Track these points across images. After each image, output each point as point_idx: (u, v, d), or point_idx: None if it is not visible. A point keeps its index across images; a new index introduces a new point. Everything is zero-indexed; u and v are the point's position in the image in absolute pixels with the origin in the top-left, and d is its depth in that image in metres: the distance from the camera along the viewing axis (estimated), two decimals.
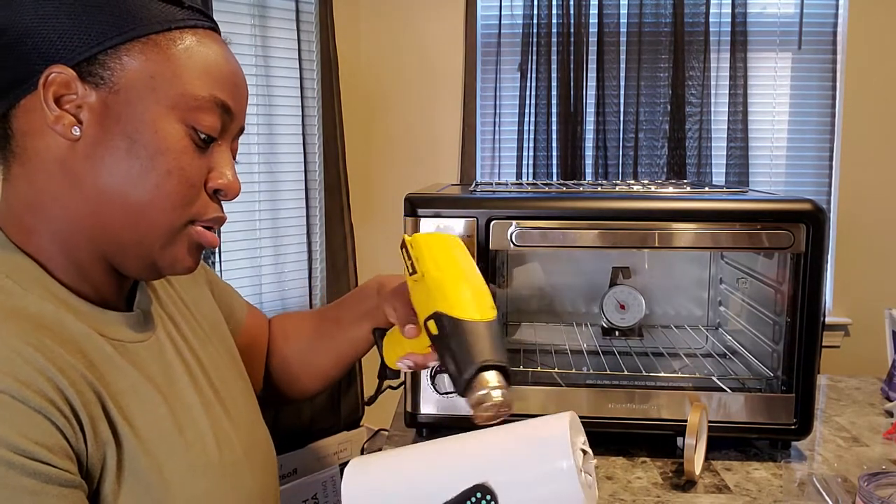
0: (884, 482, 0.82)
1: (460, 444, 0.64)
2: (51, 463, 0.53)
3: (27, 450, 0.52)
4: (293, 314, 1.02)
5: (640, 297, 1.29)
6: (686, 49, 2.44)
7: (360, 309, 0.90)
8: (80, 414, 0.56)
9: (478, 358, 0.63)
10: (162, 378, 0.67)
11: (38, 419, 0.53)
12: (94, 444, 0.57)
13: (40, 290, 0.61)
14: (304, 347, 0.95)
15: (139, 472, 0.60)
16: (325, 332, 0.94)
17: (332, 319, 0.94)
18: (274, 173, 2.30)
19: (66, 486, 0.54)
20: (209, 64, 0.64)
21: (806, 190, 2.55)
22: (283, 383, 0.97)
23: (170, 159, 0.62)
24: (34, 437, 0.52)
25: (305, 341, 0.95)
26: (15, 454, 0.51)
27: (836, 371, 1.53)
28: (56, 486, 0.53)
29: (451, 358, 0.65)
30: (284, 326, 0.98)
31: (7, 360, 0.53)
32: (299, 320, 0.98)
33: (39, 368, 0.55)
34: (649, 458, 1.04)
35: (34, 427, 0.53)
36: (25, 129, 0.62)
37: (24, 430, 0.52)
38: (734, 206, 1.01)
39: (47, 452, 0.53)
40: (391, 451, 0.67)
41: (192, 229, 0.65)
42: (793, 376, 1.01)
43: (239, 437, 0.74)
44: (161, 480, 0.62)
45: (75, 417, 0.56)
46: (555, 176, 2.51)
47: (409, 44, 2.58)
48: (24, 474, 0.51)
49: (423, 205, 1.02)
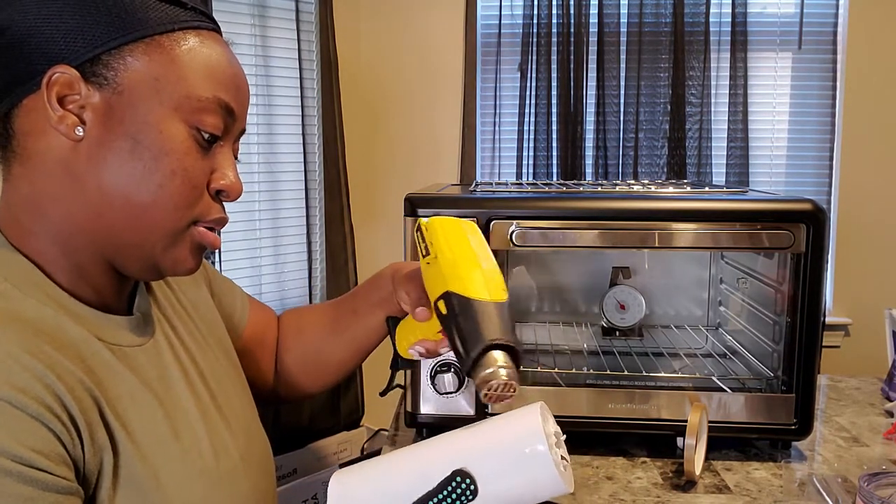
0: (884, 482, 0.82)
1: (437, 442, 0.65)
2: (48, 470, 0.53)
3: (24, 457, 0.51)
4: (307, 308, 1.01)
5: (640, 297, 1.29)
6: (686, 49, 2.44)
7: (375, 296, 0.89)
8: (78, 420, 0.56)
9: (486, 336, 0.63)
10: (159, 383, 0.67)
11: (36, 426, 0.53)
12: (91, 451, 0.57)
13: (39, 294, 0.61)
14: (320, 340, 0.94)
15: (135, 478, 0.60)
16: (342, 323, 0.92)
17: (349, 310, 0.92)
18: (274, 173, 2.30)
19: (62, 493, 0.54)
20: (212, 65, 0.64)
21: (806, 190, 2.55)
22: (298, 378, 0.95)
23: (173, 160, 0.62)
24: (31, 444, 0.52)
25: (322, 334, 0.94)
26: (12, 462, 0.51)
27: (836, 371, 1.53)
28: (53, 493, 0.53)
29: (459, 336, 0.64)
30: (299, 321, 0.97)
31: (5, 367, 0.53)
32: (315, 313, 0.97)
33: (37, 375, 0.54)
34: (649, 458, 1.04)
35: (32, 434, 0.53)
36: (27, 129, 0.61)
37: (21, 438, 0.52)
38: (734, 206, 1.01)
39: (44, 460, 0.53)
40: (372, 459, 0.69)
41: (194, 230, 0.65)
42: (793, 376, 1.01)
43: (236, 443, 0.73)
44: (157, 486, 0.62)
45: (73, 424, 0.56)
46: (555, 176, 2.51)
47: (409, 44, 2.57)
48: (21, 482, 0.51)
49: (423, 205, 1.02)
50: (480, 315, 0.64)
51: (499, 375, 0.61)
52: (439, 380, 1.02)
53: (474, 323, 0.64)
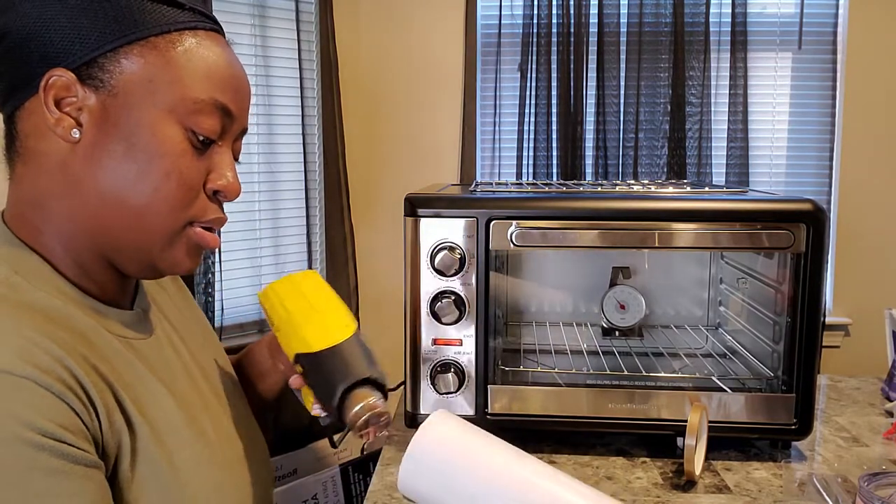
0: (884, 482, 0.82)
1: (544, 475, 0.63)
2: (74, 444, 0.54)
3: (54, 432, 0.53)
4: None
5: (640, 297, 1.29)
6: (686, 49, 2.44)
7: (259, 368, 0.90)
8: (96, 401, 0.58)
9: (340, 382, 0.65)
10: (165, 374, 0.68)
11: (60, 404, 0.54)
12: (109, 431, 0.58)
13: (48, 287, 0.62)
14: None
15: (152, 459, 0.61)
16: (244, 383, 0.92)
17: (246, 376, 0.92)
18: (274, 173, 2.31)
19: (90, 466, 0.55)
20: (209, 66, 0.64)
21: (806, 190, 2.55)
22: None
23: (168, 162, 0.62)
24: (58, 420, 0.54)
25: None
26: (43, 437, 0.52)
27: (836, 371, 1.53)
28: (82, 465, 0.54)
29: (322, 392, 0.67)
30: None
31: (25, 349, 0.54)
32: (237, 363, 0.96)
33: (56, 357, 0.55)
34: (649, 458, 1.04)
35: (58, 411, 0.54)
36: (28, 130, 0.62)
37: (48, 414, 0.53)
38: (734, 206, 1.01)
39: (71, 435, 0.54)
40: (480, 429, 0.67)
41: (191, 231, 0.66)
42: (793, 376, 1.01)
43: (236, 437, 0.75)
44: (172, 469, 0.63)
45: (91, 404, 0.57)
46: (555, 176, 2.51)
47: (409, 44, 2.57)
48: (53, 455, 0.53)
49: (423, 205, 1.02)
50: (329, 364, 0.67)
51: (369, 408, 0.64)
52: (439, 380, 1.02)
53: (325, 374, 0.67)
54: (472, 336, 1.01)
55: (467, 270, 1.00)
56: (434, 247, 1.00)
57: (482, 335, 1.02)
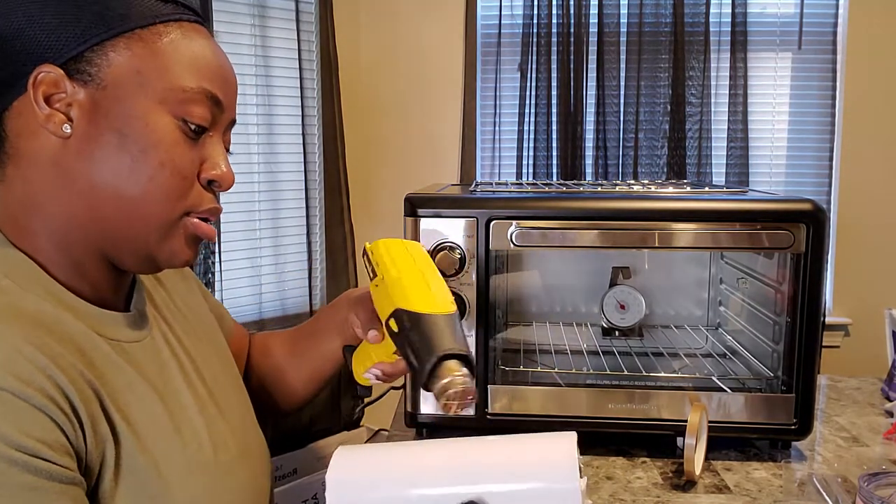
0: (884, 482, 0.82)
1: (459, 448, 0.63)
2: (51, 460, 0.53)
3: (28, 447, 0.52)
4: (275, 332, 1.01)
5: (640, 297, 1.29)
6: (686, 49, 2.44)
7: (330, 321, 0.90)
8: (80, 412, 0.57)
9: (438, 348, 0.64)
10: (158, 378, 0.68)
11: (40, 416, 0.53)
12: (93, 442, 0.58)
13: (39, 290, 0.61)
14: (284, 362, 0.95)
15: (137, 469, 0.61)
16: (301, 346, 0.94)
17: (308, 333, 0.93)
18: (274, 173, 2.31)
19: (65, 482, 0.54)
20: (196, 56, 0.64)
21: (806, 190, 2.55)
22: (265, 397, 0.96)
23: (161, 152, 0.62)
24: (35, 434, 0.53)
25: (285, 356, 0.95)
26: (16, 451, 0.51)
27: (836, 371, 1.53)
28: (56, 482, 0.53)
29: (413, 351, 0.66)
30: (265, 342, 0.98)
31: (8, 358, 0.54)
32: (280, 336, 0.98)
33: (40, 366, 0.55)
34: (649, 458, 1.04)
35: (35, 424, 0.53)
36: (18, 130, 0.62)
37: (25, 428, 0.52)
38: (734, 206, 1.01)
39: (48, 449, 0.53)
40: (382, 445, 0.67)
41: (187, 221, 0.66)
42: (793, 376, 1.01)
43: (233, 437, 0.74)
44: (158, 478, 0.62)
45: (75, 415, 0.56)
46: (555, 176, 2.51)
47: (409, 44, 2.58)
48: (26, 471, 0.52)
49: (423, 205, 1.02)
50: (431, 328, 0.66)
51: (455, 384, 0.63)
52: None
53: (425, 336, 0.65)
54: (472, 336, 1.01)
55: (467, 270, 1.01)
56: (434, 247, 1.00)
57: (482, 335, 1.02)
